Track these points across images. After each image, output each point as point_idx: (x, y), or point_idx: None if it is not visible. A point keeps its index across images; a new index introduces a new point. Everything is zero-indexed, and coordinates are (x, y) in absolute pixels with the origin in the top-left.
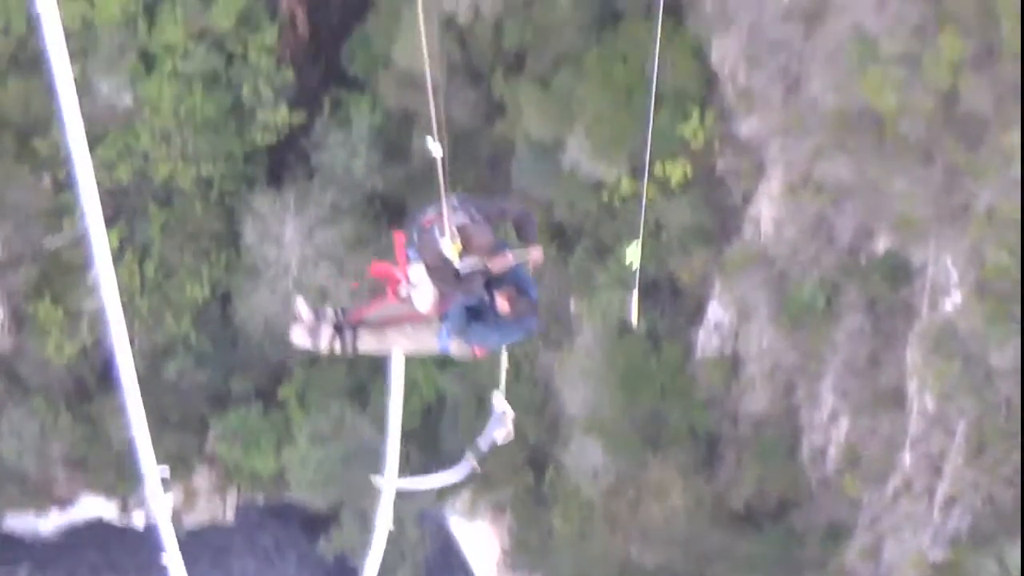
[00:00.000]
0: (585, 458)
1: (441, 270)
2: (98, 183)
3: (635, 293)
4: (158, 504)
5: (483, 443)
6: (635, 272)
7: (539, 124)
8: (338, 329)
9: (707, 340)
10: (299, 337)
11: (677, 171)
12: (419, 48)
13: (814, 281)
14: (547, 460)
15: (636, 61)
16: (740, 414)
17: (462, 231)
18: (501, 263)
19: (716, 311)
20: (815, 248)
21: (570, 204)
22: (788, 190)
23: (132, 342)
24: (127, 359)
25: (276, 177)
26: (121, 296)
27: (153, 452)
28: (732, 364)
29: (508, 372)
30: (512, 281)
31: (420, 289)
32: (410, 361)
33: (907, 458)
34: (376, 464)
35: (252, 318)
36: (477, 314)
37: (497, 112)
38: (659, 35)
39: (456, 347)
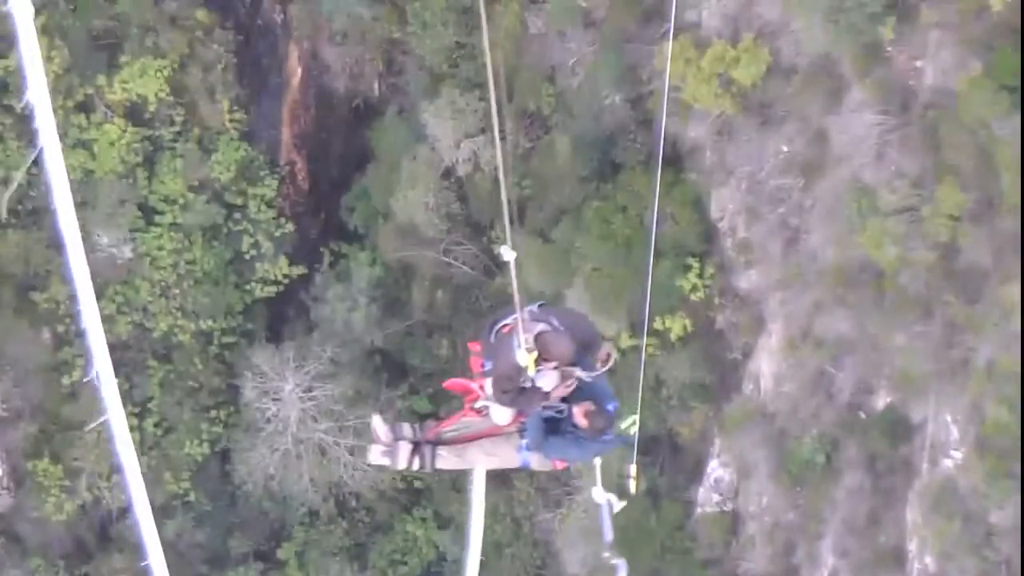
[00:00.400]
0: None
1: (510, 380)
2: None
3: (634, 466)
4: None
5: (608, 534)
6: (634, 443)
7: (538, 277)
8: (416, 446)
9: (707, 497)
10: (376, 457)
11: (677, 325)
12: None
13: (814, 437)
14: None
15: (635, 212)
16: (741, 574)
17: (540, 340)
18: (563, 390)
19: (716, 468)
20: (815, 404)
21: None
22: (788, 345)
23: (128, 507)
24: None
25: (276, 331)
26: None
27: None
28: (732, 522)
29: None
30: (591, 394)
31: (491, 411)
32: (410, 520)
33: None
34: None
35: (252, 476)
36: (556, 426)
37: (497, 265)
38: (658, 187)
39: (536, 461)
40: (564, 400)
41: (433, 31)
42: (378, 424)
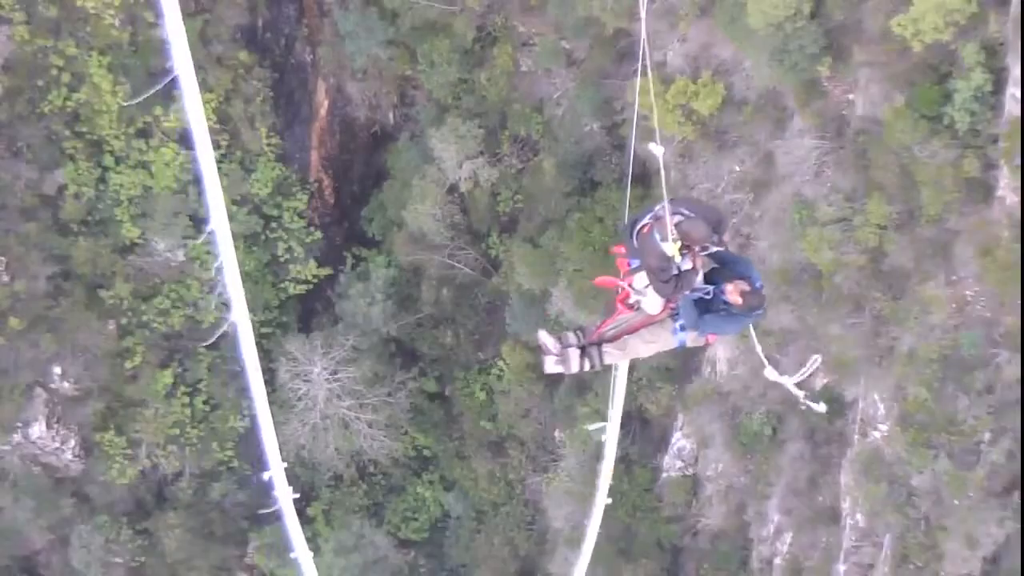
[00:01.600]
0: (568, 567)
1: (663, 271)
2: (154, 328)
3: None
4: None
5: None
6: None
7: (529, 277)
8: (583, 350)
9: (671, 463)
10: (551, 367)
11: None
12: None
13: (762, 413)
14: (536, 569)
15: (611, 222)
16: (700, 529)
17: (679, 228)
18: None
19: (679, 439)
20: (763, 385)
21: None
22: (740, 334)
23: (184, 467)
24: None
25: (306, 323)
26: (173, 428)
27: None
28: (693, 484)
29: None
30: (740, 273)
31: (647, 296)
32: (420, 484)
33: (842, 569)
34: (389, 574)
35: (285, 445)
36: (707, 306)
37: (493, 267)
38: (628, 200)
39: (691, 339)
40: (709, 282)
41: (440, 69)
42: (545, 337)
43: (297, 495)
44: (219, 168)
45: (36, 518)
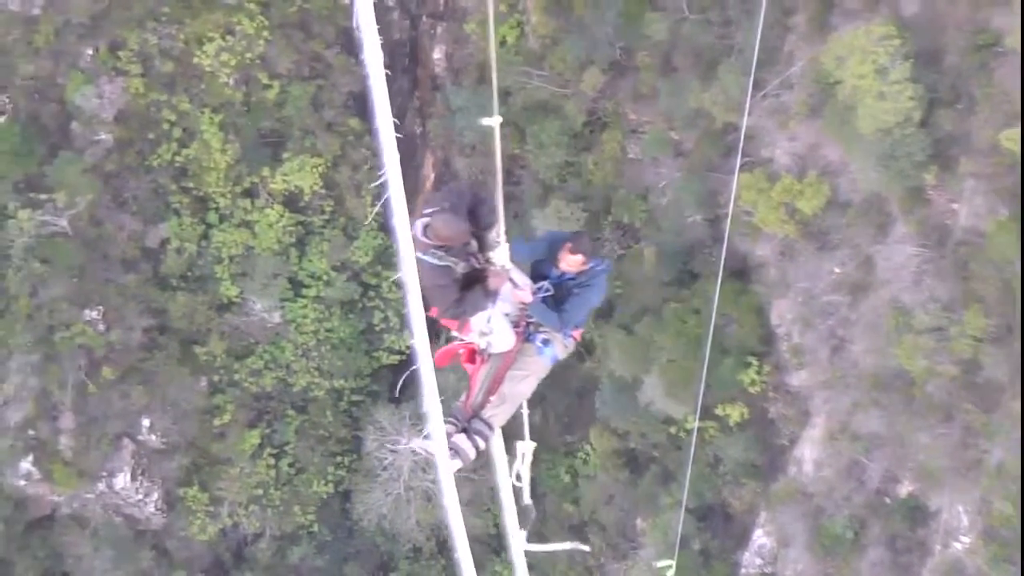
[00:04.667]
0: None
1: (445, 291)
2: (245, 388)
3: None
4: None
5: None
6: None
7: (621, 364)
8: (465, 431)
9: (751, 560)
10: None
11: (735, 413)
12: None
13: (845, 517)
14: None
15: (706, 315)
16: None
17: (428, 232)
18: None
19: (760, 536)
20: (848, 488)
21: (642, 435)
22: (828, 436)
23: (264, 528)
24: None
25: (396, 393)
26: (257, 488)
27: None
28: None
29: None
30: (556, 242)
31: (494, 333)
32: (498, 562)
33: None
34: None
35: (367, 514)
36: (558, 299)
37: (587, 351)
38: (717, 297)
39: (559, 349)
40: (539, 276)
41: (547, 151)
42: (424, 443)
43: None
44: (321, 233)
45: (114, 569)
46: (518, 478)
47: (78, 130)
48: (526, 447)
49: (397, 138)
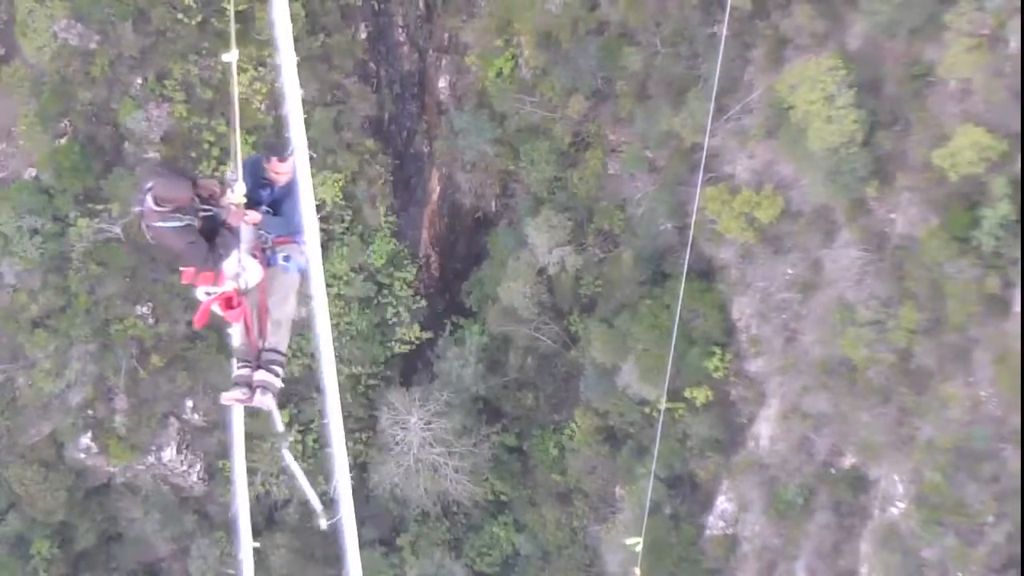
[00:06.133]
0: None
1: (194, 240)
2: None
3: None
4: None
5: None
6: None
7: (602, 353)
8: (262, 366)
9: (714, 523)
10: (259, 402)
11: (701, 395)
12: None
13: (796, 485)
14: None
15: (675, 310)
16: None
17: (156, 198)
18: (228, 198)
19: (723, 502)
20: (799, 460)
21: (621, 414)
22: (782, 416)
23: (292, 496)
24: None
25: (407, 378)
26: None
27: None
28: (732, 543)
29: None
30: (256, 167)
31: (247, 270)
32: (495, 524)
33: None
34: None
35: (381, 483)
36: (277, 207)
37: (572, 341)
38: (682, 294)
39: (301, 258)
40: (253, 203)
41: (538, 167)
42: (231, 397)
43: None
44: (342, 239)
45: (162, 530)
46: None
47: (130, 149)
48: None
49: (410, 153)
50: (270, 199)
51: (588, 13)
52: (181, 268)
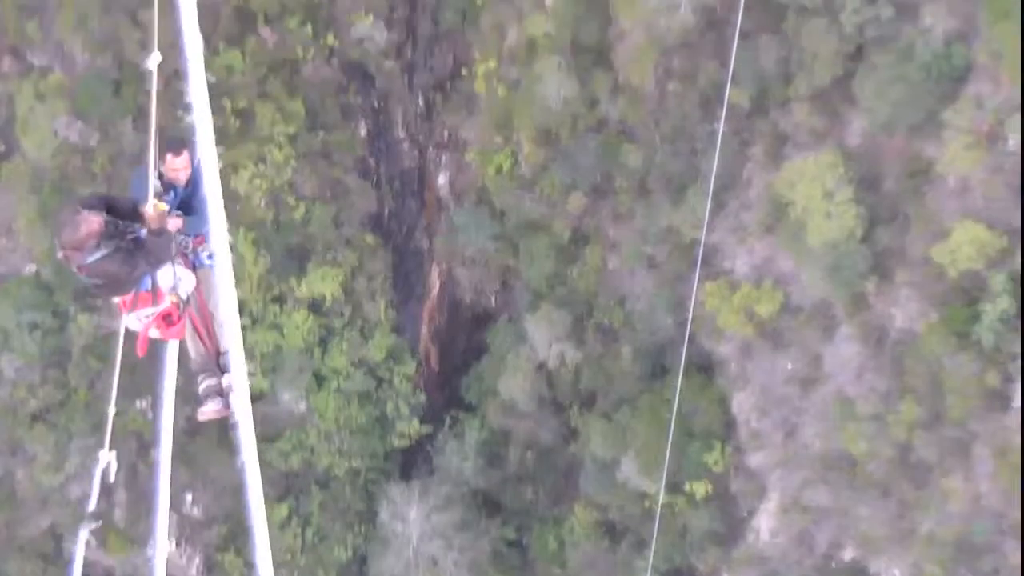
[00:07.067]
0: None
1: (127, 265)
2: (275, 468)
3: None
4: None
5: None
6: None
7: (602, 447)
8: (224, 370)
9: None
10: (219, 414)
11: (701, 488)
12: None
13: None
14: None
15: (677, 405)
16: None
17: (72, 239)
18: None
19: None
20: (799, 554)
21: (621, 508)
22: (782, 509)
23: None
24: None
25: (407, 472)
26: (286, 553)
27: None
28: None
29: None
30: (139, 190)
31: (181, 279)
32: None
33: None
34: None
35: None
36: (188, 207)
37: (572, 435)
38: (679, 388)
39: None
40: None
41: (538, 263)
42: (209, 411)
43: None
44: (342, 334)
45: None
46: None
47: None
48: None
49: (410, 248)
50: (177, 202)
51: (587, 110)
52: (116, 298)
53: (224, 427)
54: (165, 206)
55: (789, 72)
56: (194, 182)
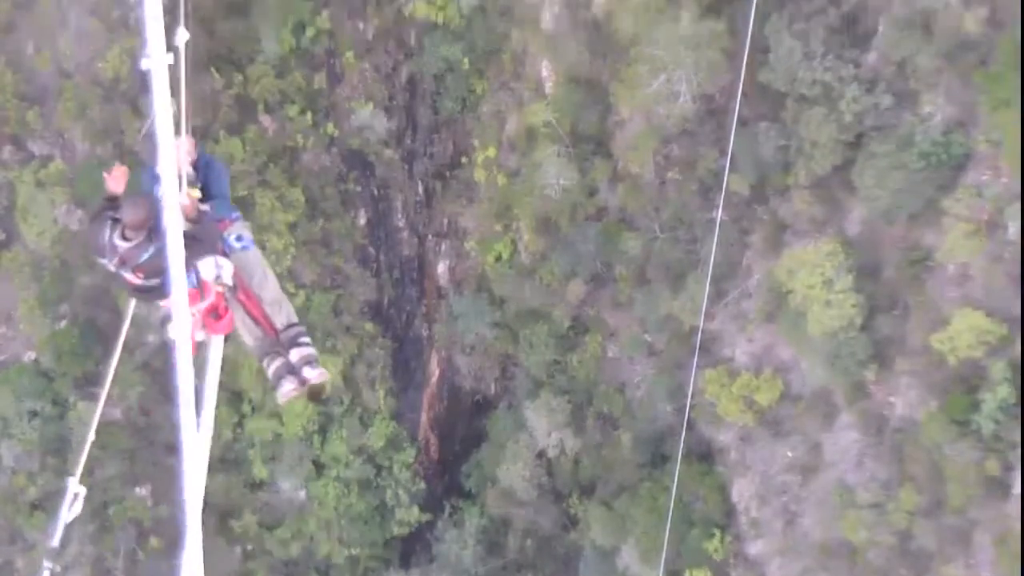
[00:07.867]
0: None
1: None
2: (275, 555)
3: None
4: None
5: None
6: None
7: (602, 535)
8: (294, 346)
9: None
10: (315, 381)
11: None
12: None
13: None
14: None
15: (677, 493)
16: None
17: (130, 222)
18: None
19: None
20: None
21: None
22: None
23: None
24: None
25: (406, 560)
26: None
27: None
28: None
29: None
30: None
31: (223, 267)
32: None
33: None
34: None
35: None
36: (208, 192)
37: (572, 523)
38: (676, 475)
39: (248, 232)
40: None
41: (537, 350)
42: (287, 391)
43: None
44: (341, 422)
45: None
46: None
47: (129, 333)
48: None
49: (410, 336)
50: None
51: (587, 199)
52: (161, 302)
53: (222, 514)
54: (198, 192)
55: (788, 160)
56: (205, 170)
